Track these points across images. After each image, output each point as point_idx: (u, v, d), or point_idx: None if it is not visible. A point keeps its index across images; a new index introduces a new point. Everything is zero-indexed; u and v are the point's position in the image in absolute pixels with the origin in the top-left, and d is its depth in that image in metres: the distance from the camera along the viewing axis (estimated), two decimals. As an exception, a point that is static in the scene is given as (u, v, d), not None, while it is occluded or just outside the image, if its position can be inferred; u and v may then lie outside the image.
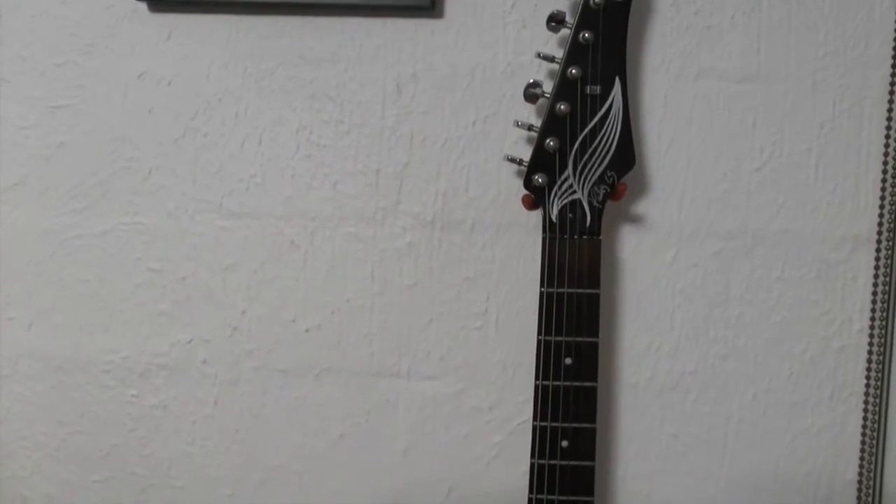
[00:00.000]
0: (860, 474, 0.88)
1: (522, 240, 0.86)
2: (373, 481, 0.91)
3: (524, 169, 0.76)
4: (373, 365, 0.89)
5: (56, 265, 0.90)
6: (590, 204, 0.76)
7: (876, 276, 0.85)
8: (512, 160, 0.77)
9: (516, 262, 0.87)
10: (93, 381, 0.92)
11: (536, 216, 0.84)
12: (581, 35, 0.74)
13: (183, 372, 0.91)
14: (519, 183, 0.80)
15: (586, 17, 0.74)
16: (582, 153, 0.76)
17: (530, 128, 0.76)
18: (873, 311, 0.85)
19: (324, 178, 0.87)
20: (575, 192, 0.76)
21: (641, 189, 0.85)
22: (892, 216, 0.84)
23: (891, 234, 0.84)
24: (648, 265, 0.86)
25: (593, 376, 0.76)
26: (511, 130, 0.84)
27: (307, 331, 0.89)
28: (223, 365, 0.90)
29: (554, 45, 0.83)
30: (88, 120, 0.88)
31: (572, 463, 0.77)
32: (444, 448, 0.90)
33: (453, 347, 0.88)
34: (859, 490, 0.88)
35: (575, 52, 0.74)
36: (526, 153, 0.76)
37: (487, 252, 0.87)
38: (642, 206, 0.85)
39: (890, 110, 0.83)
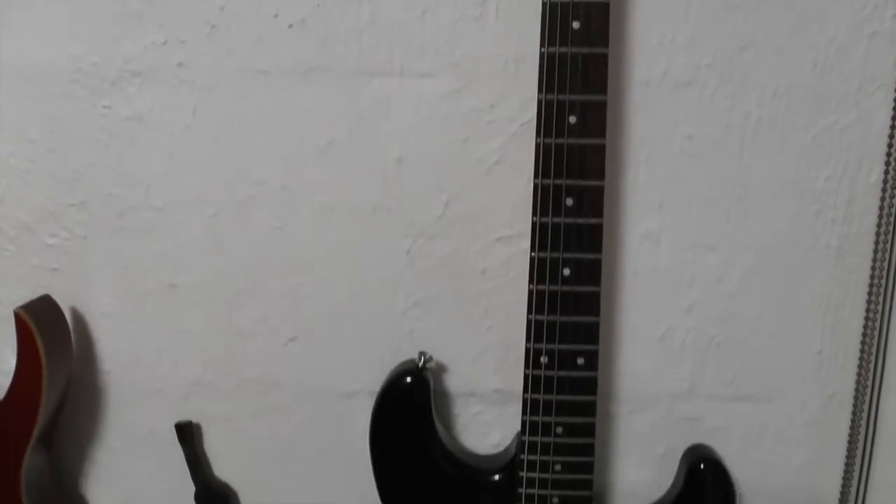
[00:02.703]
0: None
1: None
2: (364, 194, 0.84)
3: None
4: (363, 62, 0.82)
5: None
6: None
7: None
8: None
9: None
10: (61, 93, 0.85)
11: None
12: None
13: (158, 78, 0.84)
14: None
15: None
16: None
17: None
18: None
19: None
20: None
21: None
22: None
23: None
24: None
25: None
26: None
27: (291, 26, 0.81)
28: (201, 68, 0.83)
29: None
30: None
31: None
32: (440, 154, 0.83)
33: (450, 41, 0.81)
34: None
35: None
36: None
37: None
38: None
39: None
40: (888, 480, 0.89)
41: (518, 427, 0.79)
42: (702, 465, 0.82)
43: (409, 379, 0.81)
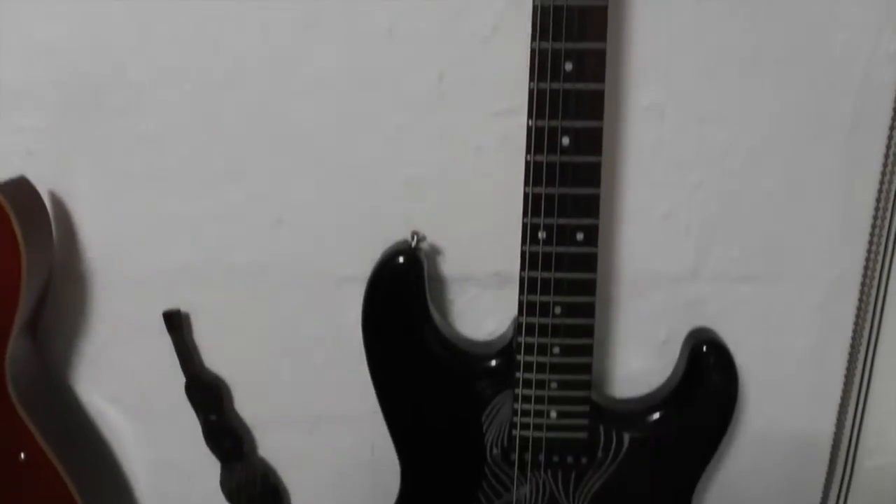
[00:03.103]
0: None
1: None
2: (353, 67, 0.79)
3: None
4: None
5: None
6: None
7: None
8: None
9: None
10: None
11: None
12: None
13: (129, -57, 0.78)
14: None
15: None
16: None
17: None
18: None
19: None
20: None
21: None
22: None
23: None
24: None
25: None
26: None
27: None
28: (175, -69, 0.77)
29: None
30: None
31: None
32: (434, 25, 0.78)
33: None
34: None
35: None
36: None
37: None
38: None
39: None
40: (893, 366, 0.87)
41: (516, 312, 0.75)
42: (704, 348, 0.80)
43: (401, 259, 0.78)
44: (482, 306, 0.86)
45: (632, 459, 0.81)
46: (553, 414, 0.79)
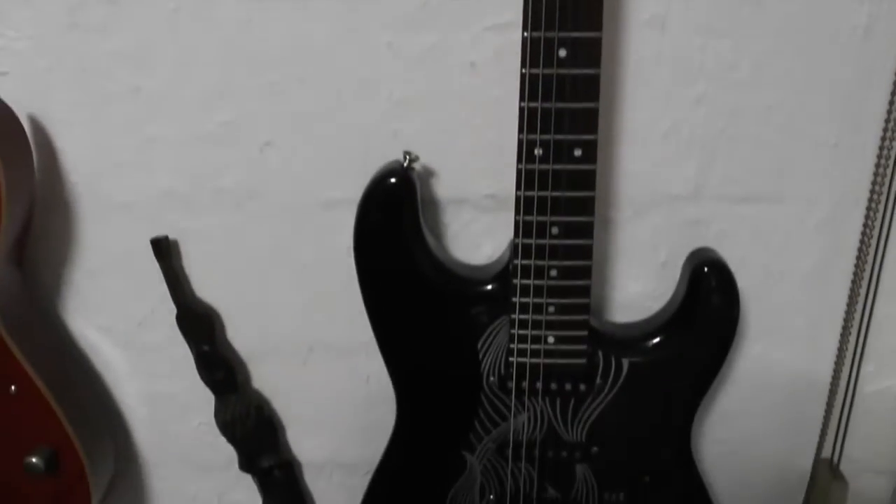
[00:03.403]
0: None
1: None
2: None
3: None
4: None
5: None
6: None
7: None
8: None
9: None
10: None
11: None
12: None
13: None
14: None
15: None
16: None
17: None
18: None
19: None
20: None
21: None
22: None
23: None
24: None
25: None
26: None
27: None
28: None
29: None
30: None
31: None
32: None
33: None
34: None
35: None
36: None
37: None
38: None
39: None
40: (898, 288, 0.85)
41: (512, 235, 0.73)
42: (705, 269, 0.78)
43: (393, 179, 0.75)
44: (478, 230, 0.84)
45: (631, 386, 0.79)
46: (551, 339, 0.77)
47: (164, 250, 0.86)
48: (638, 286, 0.86)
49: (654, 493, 0.84)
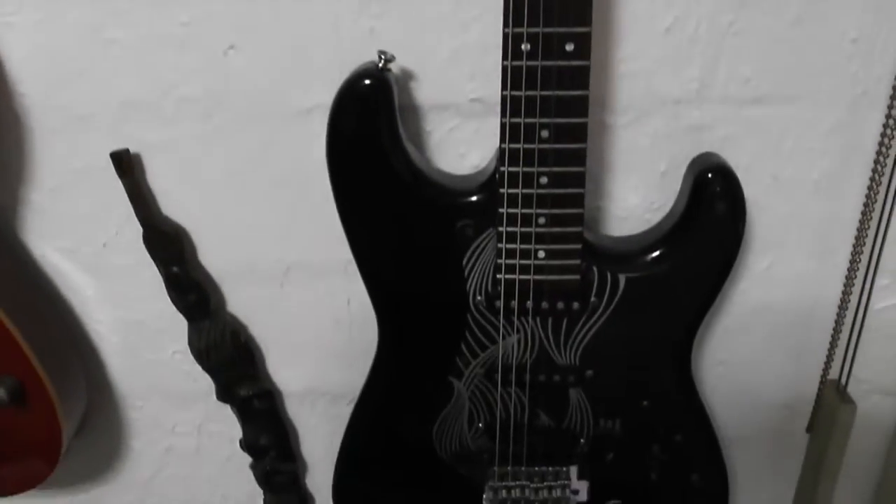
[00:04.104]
0: None
1: None
2: None
3: None
4: None
5: None
6: None
7: None
8: None
9: None
10: None
11: None
12: None
13: None
14: None
15: None
16: None
17: None
18: None
19: None
20: None
21: None
22: None
23: None
24: None
25: None
26: None
27: None
28: None
29: None
30: None
31: None
32: None
33: None
34: None
35: None
36: None
37: None
38: None
39: None
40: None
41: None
42: (709, 175, 0.71)
43: (367, 81, 0.69)
44: (463, 138, 0.78)
45: (628, 304, 0.74)
46: (541, 254, 0.72)
47: (126, 165, 0.80)
48: (636, 198, 0.80)
49: (651, 420, 0.80)
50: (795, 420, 0.94)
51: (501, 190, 0.69)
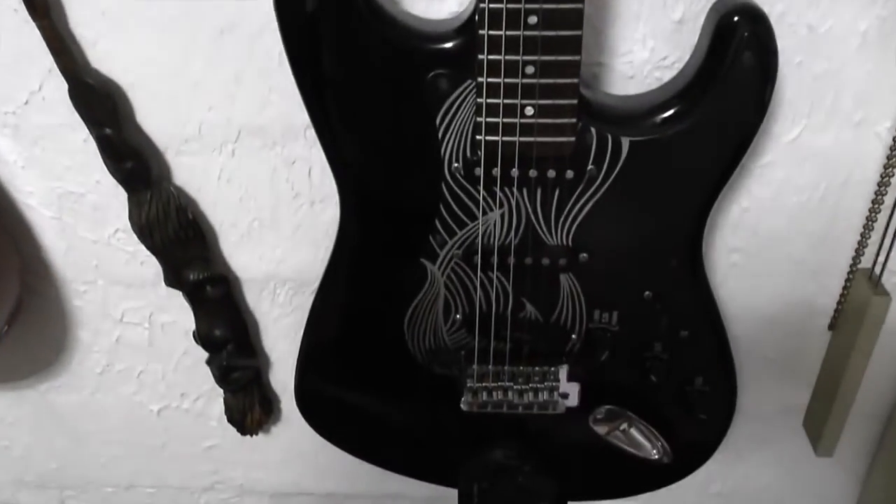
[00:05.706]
0: None
1: None
2: None
3: None
4: None
5: None
6: None
7: None
8: None
9: None
10: None
11: None
12: None
13: None
14: None
15: None
16: None
17: None
18: None
19: None
20: None
21: None
22: None
23: None
24: None
25: None
26: None
27: None
28: None
29: None
30: None
31: None
32: None
33: None
34: None
35: None
36: None
37: None
38: None
39: None
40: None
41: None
42: (735, 18, 0.59)
43: None
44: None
45: (631, 174, 0.63)
46: (529, 110, 0.60)
47: (41, 5, 0.67)
48: (645, 52, 0.68)
49: (653, 313, 0.70)
50: (815, 317, 0.83)
51: (481, 31, 0.57)
